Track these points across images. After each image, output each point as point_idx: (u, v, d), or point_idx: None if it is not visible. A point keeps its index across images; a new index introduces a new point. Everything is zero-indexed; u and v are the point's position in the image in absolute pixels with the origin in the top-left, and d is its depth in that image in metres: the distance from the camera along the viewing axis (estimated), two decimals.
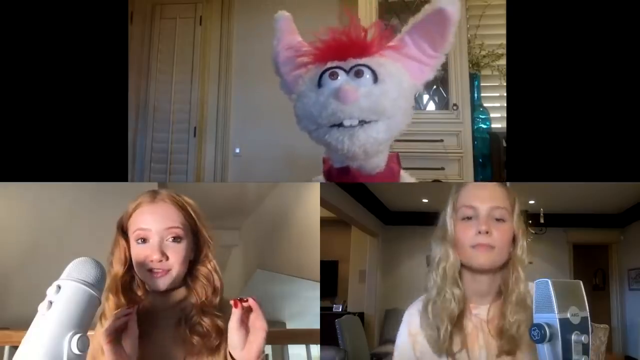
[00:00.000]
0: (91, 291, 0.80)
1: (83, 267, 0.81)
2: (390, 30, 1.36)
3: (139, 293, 1.03)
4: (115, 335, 0.92)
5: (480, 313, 1.03)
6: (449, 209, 1.05)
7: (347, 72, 1.27)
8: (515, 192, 1.06)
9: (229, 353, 0.94)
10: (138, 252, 1.01)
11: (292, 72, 1.41)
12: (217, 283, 1.05)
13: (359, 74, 1.26)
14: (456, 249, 1.02)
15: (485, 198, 1.02)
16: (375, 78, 1.26)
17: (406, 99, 1.30)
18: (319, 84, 1.28)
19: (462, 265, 1.03)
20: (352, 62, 1.28)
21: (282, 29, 1.44)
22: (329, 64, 1.30)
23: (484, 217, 1.00)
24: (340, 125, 1.24)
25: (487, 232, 0.99)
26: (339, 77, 1.27)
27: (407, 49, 1.35)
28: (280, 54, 1.43)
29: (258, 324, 0.92)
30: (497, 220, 1.00)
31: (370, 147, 1.27)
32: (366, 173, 1.37)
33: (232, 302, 0.92)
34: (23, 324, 0.82)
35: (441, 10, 1.29)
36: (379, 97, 1.24)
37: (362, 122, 1.24)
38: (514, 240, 1.01)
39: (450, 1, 1.29)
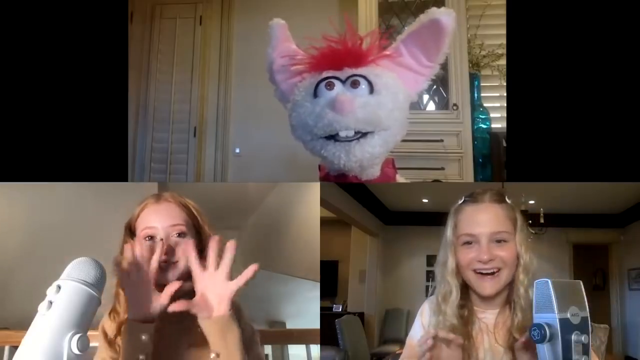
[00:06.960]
0: (91, 291, 0.80)
1: (83, 267, 0.81)
2: (385, 38, 1.35)
3: None
4: None
5: (487, 317, 1.02)
6: (448, 233, 1.03)
7: (343, 82, 1.27)
8: (516, 208, 1.04)
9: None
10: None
11: (287, 80, 1.40)
12: None
13: (355, 84, 1.26)
14: (459, 274, 1.01)
15: (485, 223, 1.00)
16: (372, 89, 1.25)
17: (401, 111, 1.30)
18: (315, 94, 1.27)
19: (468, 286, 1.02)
20: (348, 72, 1.28)
21: (277, 36, 1.42)
22: (325, 74, 1.29)
23: (484, 244, 0.98)
24: (336, 135, 1.24)
25: (489, 260, 0.97)
26: (335, 87, 1.26)
27: (402, 58, 1.34)
28: (275, 61, 1.42)
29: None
30: (499, 241, 0.99)
31: (367, 161, 1.28)
32: (362, 179, 1.36)
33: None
34: (23, 324, 0.81)
35: (437, 21, 1.28)
36: (375, 108, 1.24)
37: (358, 133, 1.24)
38: (518, 255, 0.99)
39: (446, 12, 1.28)
